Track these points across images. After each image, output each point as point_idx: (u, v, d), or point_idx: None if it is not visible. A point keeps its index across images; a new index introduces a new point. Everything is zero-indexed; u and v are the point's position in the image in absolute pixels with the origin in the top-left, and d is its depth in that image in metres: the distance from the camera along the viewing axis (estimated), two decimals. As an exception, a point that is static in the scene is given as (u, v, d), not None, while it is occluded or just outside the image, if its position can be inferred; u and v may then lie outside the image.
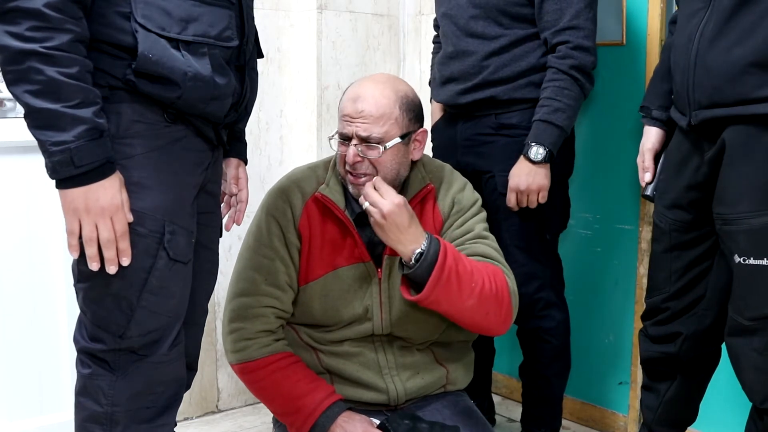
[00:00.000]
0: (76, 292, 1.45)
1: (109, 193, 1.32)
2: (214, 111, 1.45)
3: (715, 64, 1.61)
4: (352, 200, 1.72)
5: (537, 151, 1.98)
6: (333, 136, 1.71)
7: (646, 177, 1.91)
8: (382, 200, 1.58)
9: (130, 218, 1.36)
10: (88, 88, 1.29)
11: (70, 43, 1.27)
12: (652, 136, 1.92)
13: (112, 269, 1.35)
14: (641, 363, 2.01)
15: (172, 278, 1.44)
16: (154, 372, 1.44)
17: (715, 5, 1.62)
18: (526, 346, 2.26)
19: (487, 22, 2.06)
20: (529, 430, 2.31)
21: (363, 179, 1.66)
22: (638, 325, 2.00)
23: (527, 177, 2.00)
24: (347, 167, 1.68)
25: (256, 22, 2.69)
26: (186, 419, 2.68)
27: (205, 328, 2.63)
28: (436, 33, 2.37)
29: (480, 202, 1.82)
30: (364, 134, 1.65)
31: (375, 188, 1.60)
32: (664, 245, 1.85)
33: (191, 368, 1.65)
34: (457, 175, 1.84)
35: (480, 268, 1.65)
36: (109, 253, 1.34)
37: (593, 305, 2.58)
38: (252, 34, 1.59)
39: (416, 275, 1.58)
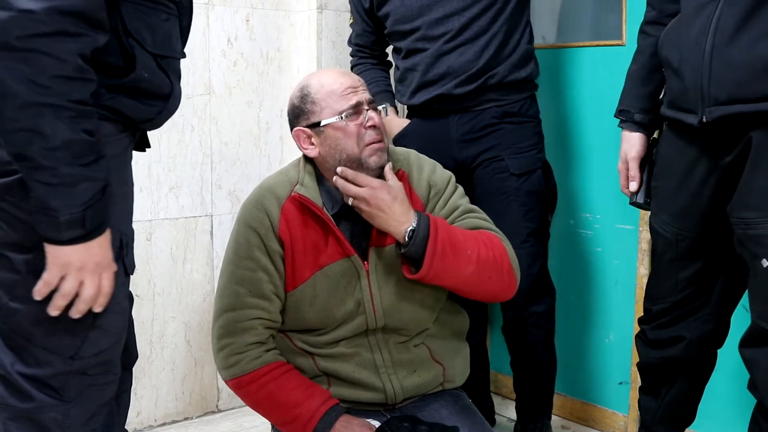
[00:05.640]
0: (7, 312, 1.26)
1: (104, 249, 1.23)
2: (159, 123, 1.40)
3: (737, 58, 1.56)
4: (329, 196, 1.71)
5: None
6: (343, 114, 1.67)
7: (632, 186, 1.87)
8: (357, 189, 1.62)
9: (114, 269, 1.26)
10: (95, 141, 1.17)
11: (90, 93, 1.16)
12: (636, 143, 1.86)
13: (55, 313, 1.22)
14: (639, 370, 2.00)
15: (123, 293, 1.35)
16: (104, 393, 1.34)
17: None
18: (517, 336, 2.31)
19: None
20: (528, 418, 2.34)
21: (383, 143, 1.69)
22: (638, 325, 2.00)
23: None
24: (373, 135, 1.67)
25: (257, 21, 2.72)
26: (186, 419, 2.68)
27: (207, 328, 2.65)
28: (365, 53, 2.46)
29: (453, 178, 1.82)
30: (369, 96, 1.71)
31: (348, 179, 1.63)
32: (671, 255, 1.81)
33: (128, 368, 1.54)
34: (424, 158, 1.83)
35: (474, 235, 1.68)
36: (82, 307, 1.23)
37: (593, 305, 2.58)
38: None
39: (412, 252, 1.61)
